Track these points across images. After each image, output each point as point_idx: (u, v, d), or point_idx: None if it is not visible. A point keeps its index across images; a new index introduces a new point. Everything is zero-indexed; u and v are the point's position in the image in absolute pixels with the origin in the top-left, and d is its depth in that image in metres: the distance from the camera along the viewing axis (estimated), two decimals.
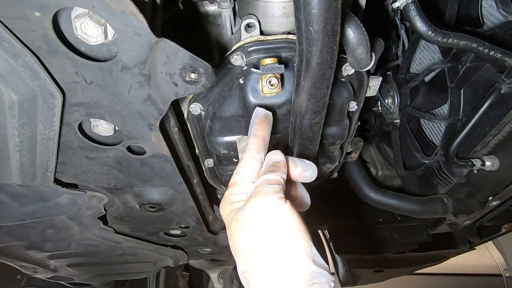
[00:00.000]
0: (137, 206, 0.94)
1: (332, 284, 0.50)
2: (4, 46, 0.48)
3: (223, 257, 1.67)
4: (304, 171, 0.63)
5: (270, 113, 0.68)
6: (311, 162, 0.65)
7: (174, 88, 0.56)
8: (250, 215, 0.53)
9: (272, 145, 0.65)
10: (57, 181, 0.78)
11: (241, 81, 0.71)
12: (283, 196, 0.53)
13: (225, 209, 0.59)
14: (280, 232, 0.51)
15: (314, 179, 0.64)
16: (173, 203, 0.95)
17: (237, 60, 0.70)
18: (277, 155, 0.61)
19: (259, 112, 0.68)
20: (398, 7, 0.78)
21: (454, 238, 1.68)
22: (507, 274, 3.38)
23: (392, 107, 1.24)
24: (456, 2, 0.94)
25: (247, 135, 0.68)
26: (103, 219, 1.03)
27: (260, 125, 0.66)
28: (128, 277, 1.77)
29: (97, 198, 0.88)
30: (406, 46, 1.12)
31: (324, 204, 1.61)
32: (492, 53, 0.79)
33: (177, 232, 1.19)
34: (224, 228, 1.32)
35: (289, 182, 0.63)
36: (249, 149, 0.61)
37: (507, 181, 1.06)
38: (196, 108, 0.75)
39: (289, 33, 0.71)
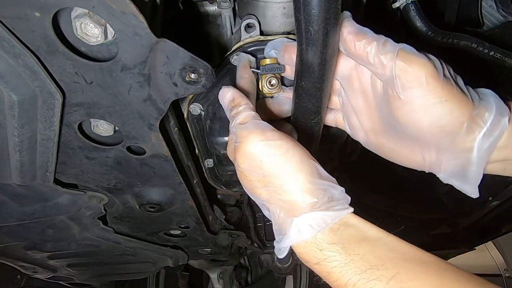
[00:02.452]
0: (137, 206, 0.94)
1: (344, 195, 0.50)
2: (4, 46, 0.48)
3: (223, 257, 1.67)
4: (281, 105, 0.65)
5: (253, 58, 0.69)
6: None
7: (174, 88, 0.56)
8: (243, 166, 0.53)
9: None
10: (57, 181, 0.78)
11: None
12: (260, 126, 0.52)
13: (230, 147, 0.59)
14: (279, 175, 0.50)
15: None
16: (173, 203, 0.95)
17: (237, 60, 0.70)
18: (227, 93, 0.60)
19: (240, 58, 0.69)
20: (398, 7, 0.78)
21: (454, 238, 1.68)
22: (507, 274, 3.38)
23: None
24: (456, 2, 0.94)
25: None
26: (103, 219, 1.03)
27: (244, 68, 0.66)
28: (128, 277, 1.77)
29: (97, 198, 0.88)
30: None
31: None
32: (492, 53, 0.79)
33: (177, 232, 1.19)
34: (224, 228, 1.32)
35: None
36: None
37: (507, 181, 1.06)
38: (196, 108, 0.75)
39: (289, 33, 0.71)
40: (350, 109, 0.62)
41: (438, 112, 0.48)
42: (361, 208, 0.52)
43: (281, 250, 0.52)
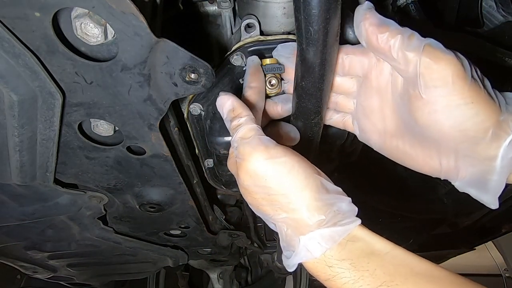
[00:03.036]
0: (137, 206, 0.94)
1: (351, 207, 0.50)
2: (4, 46, 0.48)
3: (223, 257, 1.67)
4: (284, 105, 0.63)
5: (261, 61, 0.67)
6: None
7: (174, 88, 0.56)
8: (247, 183, 0.52)
9: None
10: (57, 181, 0.78)
11: (241, 82, 0.71)
12: (264, 142, 0.50)
13: (231, 161, 0.57)
14: (284, 191, 0.49)
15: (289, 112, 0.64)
16: (173, 203, 0.95)
17: (237, 60, 0.70)
18: (226, 101, 0.56)
19: (252, 60, 0.65)
20: (399, 5, 0.78)
21: (454, 238, 1.68)
22: (507, 275, 3.38)
23: None
24: (456, 2, 0.94)
25: None
26: (103, 219, 1.03)
27: (254, 75, 0.63)
28: (128, 277, 1.77)
29: (97, 198, 0.88)
30: None
31: None
32: (492, 53, 0.79)
33: (177, 232, 1.19)
34: (224, 228, 1.32)
35: (270, 123, 0.63)
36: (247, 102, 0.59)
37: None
38: (196, 108, 0.75)
39: (289, 33, 0.71)
40: (364, 111, 0.59)
41: (462, 115, 0.45)
42: (361, 208, 0.52)
43: (289, 266, 0.52)
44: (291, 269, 0.52)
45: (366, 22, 0.47)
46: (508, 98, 0.48)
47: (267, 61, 0.67)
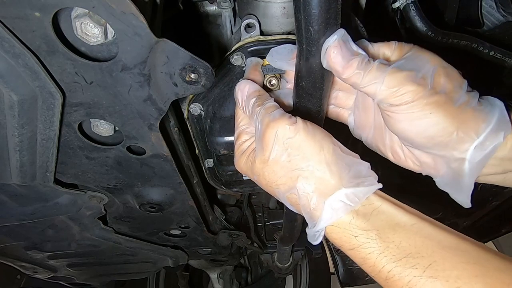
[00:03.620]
0: (137, 206, 0.94)
1: (371, 172, 0.51)
2: (4, 46, 0.48)
3: (223, 257, 1.67)
4: (284, 100, 0.64)
5: (261, 61, 0.68)
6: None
7: (174, 88, 0.56)
8: (268, 152, 0.52)
9: None
10: (57, 181, 0.78)
11: None
12: (288, 114, 0.53)
13: (241, 160, 0.58)
14: (305, 156, 0.50)
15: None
16: (173, 203, 0.95)
17: (237, 60, 0.70)
18: (247, 86, 0.59)
19: (251, 61, 0.68)
20: (398, 7, 0.78)
21: None
22: None
23: None
24: (456, 2, 0.94)
25: None
26: (103, 219, 1.03)
27: (252, 71, 0.65)
28: (128, 277, 1.77)
29: (97, 198, 0.88)
30: None
31: None
32: (492, 53, 0.80)
33: (177, 232, 1.19)
34: (224, 228, 1.32)
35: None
36: None
37: None
38: (196, 108, 0.75)
39: (289, 33, 0.71)
40: (361, 106, 0.63)
41: (423, 124, 0.49)
42: None
43: (315, 235, 0.51)
44: (316, 240, 0.51)
45: (330, 61, 0.50)
46: (486, 103, 0.50)
47: (267, 61, 0.67)
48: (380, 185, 0.50)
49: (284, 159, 0.51)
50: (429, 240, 0.45)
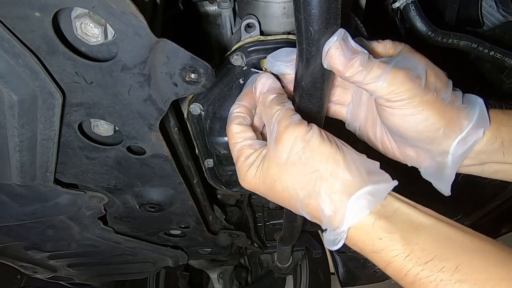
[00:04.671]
0: (137, 206, 0.94)
1: (381, 171, 0.52)
2: (4, 46, 0.48)
3: (223, 257, 1.67)
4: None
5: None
6: None
7: (174, 88, 0.56)
8: (286, 154, 0.52)
9: None
10: (57, 181, 0.78)
11: (241, 82, 0.71)
12: (304, 120, 0.53)
13: (249, 173, 0.57)
14: (323, 158, 0.51)
15: None
16: (173, 203, 0.95)
17: (237, 60, 0.70)
18: (270, 80, 0.59)
19: (253, 77, 0.65)
20: (398, 7, 0.78)
21: None
22: None
23: None
24: (456, 2, 0.94)
25: None
26: (103, 219, 1.03)
27: (246, 96, 0.63)
28: (128, 277, 1.77)
29: (97, 198, 0.88)
30: None
31: None
32: (492, 53, 0.79)
33: (177, 232, 1.19)
34: (224, 228, 1.32)
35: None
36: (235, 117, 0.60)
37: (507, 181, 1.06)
38: (196, 108, 0.75)
39: (289, 33, 0.71)
40: (358, 100, 0.64)
41: (415, 119, 0.53)
42: None
43: (336, 239, 0.50)
44: (336, 245, 0.51)
45: (332, 61, 0.51)
46: (468, 100, 0.55)
47: (265, 67, 0.66)
48: (397, 182, 0.51)
49: (302, 162, 0.51)
50: (451, 241, 0.45)
